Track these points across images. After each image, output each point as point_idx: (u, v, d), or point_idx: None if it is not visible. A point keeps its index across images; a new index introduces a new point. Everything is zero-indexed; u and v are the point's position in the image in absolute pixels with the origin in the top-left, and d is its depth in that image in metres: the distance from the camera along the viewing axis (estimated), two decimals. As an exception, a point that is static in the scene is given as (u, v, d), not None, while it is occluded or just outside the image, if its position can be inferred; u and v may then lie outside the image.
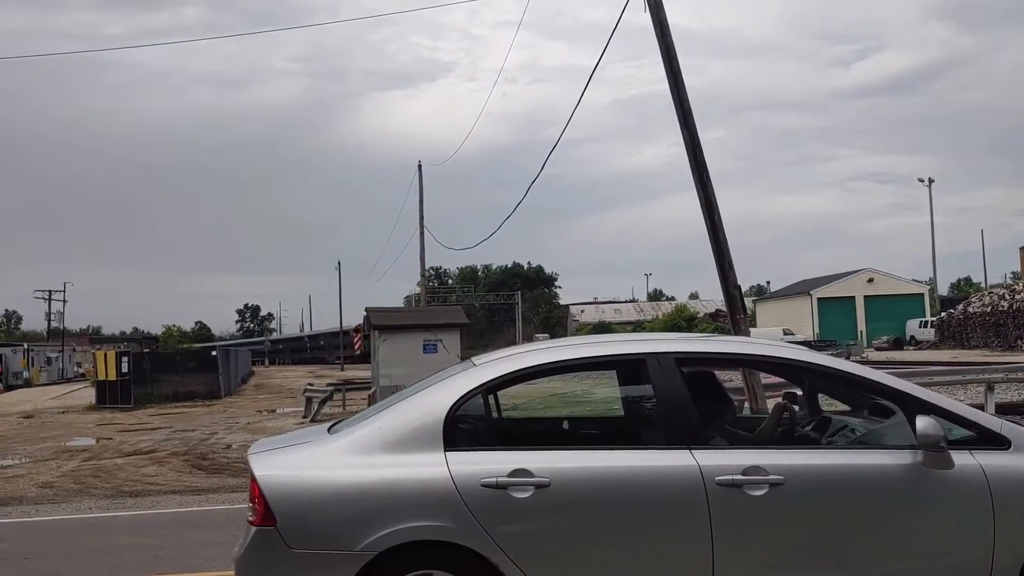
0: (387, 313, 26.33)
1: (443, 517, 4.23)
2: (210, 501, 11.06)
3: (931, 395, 4.68)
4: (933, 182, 69.60)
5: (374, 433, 4.51)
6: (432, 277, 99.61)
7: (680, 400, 4.55)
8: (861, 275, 67.68)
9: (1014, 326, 49.02)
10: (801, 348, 5.23)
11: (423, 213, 47.58)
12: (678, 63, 14.92)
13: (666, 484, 4.32)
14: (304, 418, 23.27)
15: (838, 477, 4.40)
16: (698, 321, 72.06)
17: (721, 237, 14.79)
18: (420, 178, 48.06)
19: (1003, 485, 4.34)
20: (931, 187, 69.25)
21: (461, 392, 4.58)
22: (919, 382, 15.60)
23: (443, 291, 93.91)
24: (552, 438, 5.55)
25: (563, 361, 4.89)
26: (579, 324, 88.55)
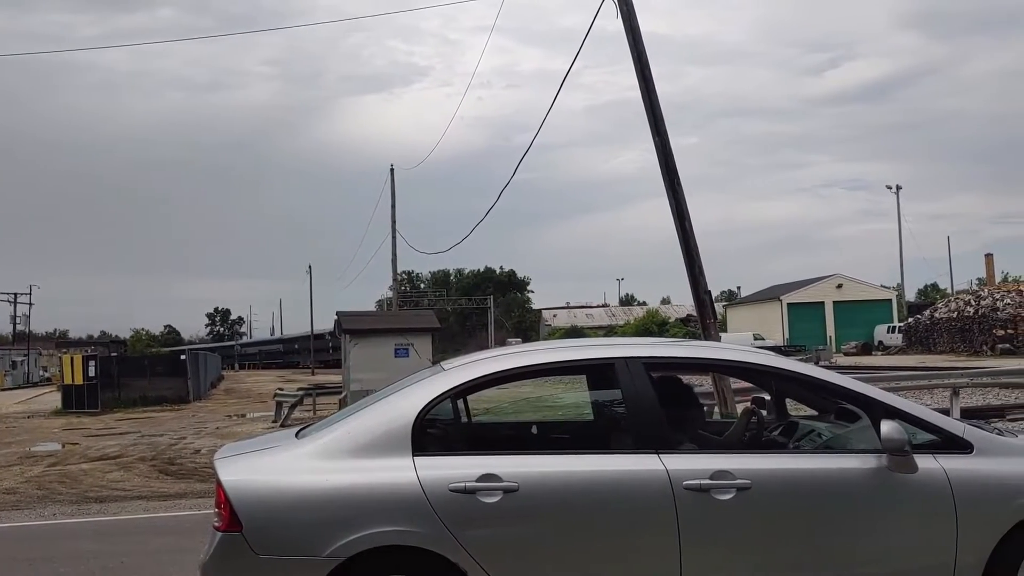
0: (358, 317, 26.19)
1: (411, 522, 4.21)
2: (178, 507, 10.94)
3: (896, 400, 4.74)
4: (901, 189, 70.50)
5: (342, 438, 4.48)
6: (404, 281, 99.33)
7: (648, 404, 4.56)
8: (830, 281, 68.40)
9: (979, 331, 49.74)
10: (769, 353, 5.27)
11: (395, 217, 47.55)
12: (650, 70, 15.00)
13: (634, 488, 4.33)
14: (274, 422, 23.12)
15: (804, 481, 4.43)
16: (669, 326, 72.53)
17: (692, 243, 14.88)
18: (392, 182, 48.02)
19: (965, 488, 4.40)
20: (899, 194, 70.10)
21: (430, 397, 4.57)
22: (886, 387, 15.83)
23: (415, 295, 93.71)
24: (521, 443, 5.55)
25: (532, 365, 4.90)
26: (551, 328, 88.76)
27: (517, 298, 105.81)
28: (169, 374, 37.43)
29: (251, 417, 27.24)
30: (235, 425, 24.29)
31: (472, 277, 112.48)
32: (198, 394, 39.19)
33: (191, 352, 43.91)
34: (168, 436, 21.11)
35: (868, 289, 68.85)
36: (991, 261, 70.26)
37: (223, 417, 27.55)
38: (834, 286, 67.91)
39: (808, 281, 70.04)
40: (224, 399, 39.80)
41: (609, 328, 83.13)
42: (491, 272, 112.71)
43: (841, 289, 67.65)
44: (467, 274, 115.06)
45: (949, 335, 52.30)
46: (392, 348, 23.18)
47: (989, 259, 70.40)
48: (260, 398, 36.68)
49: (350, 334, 23.49)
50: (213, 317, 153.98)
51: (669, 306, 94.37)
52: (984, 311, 50.71)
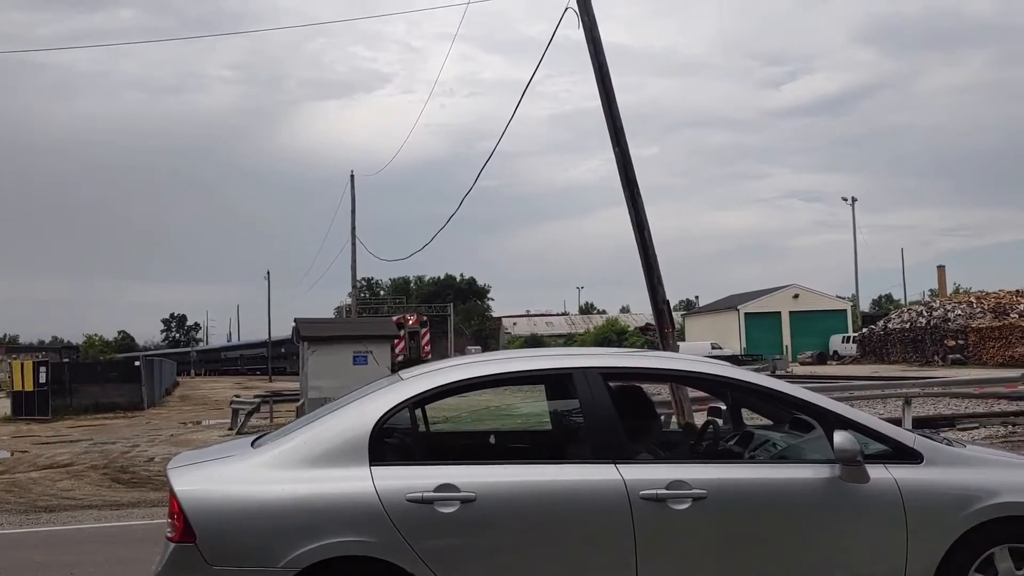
0: (316, 324, 25.98)
1: (368, 532, 4.19)
2: (130, 516, 10.76)
3: (848, 410, 4.81)
4: (856, 201, 71.53)
5: (299, 447, 4.45)
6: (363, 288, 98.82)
7: (606, 415, 4.59)
8: (787, 291, 69.19)
9: (931, 342, 50.61)
10: (724, 364, 5.33)
11: (355, 223, 47.32)
12: (611, 81, 15.12)
13: (591, 498, 4.35)
14: (230, 430, 22.85)
15: (759, 491, 4.49)
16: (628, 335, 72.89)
17: (651, 253, 15.00)
18: (352, 188, 47.81)
19: (915, 498, 4.48)
20: (854, 206, 71.22)
21: (388, 406, 4.55)
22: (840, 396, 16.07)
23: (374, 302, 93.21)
24: (479, 452, 5.55)
25: (490, 375, 4.90)
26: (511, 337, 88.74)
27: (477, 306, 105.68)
28: (123, 380, 36.82)
29: (207, 424, 26.89)
30: (190, 432, 23.96)
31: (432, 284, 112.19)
32: (152, 401, 38.62)
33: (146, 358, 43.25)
34: (121, 444, 20.77)
35: (824, 299, 69.76)
36: (943, 273, 71.68)
37: (178, 424, 27.17)
38: (791, 296, 68.73)
39: (765, 291, 70.80)
40: (179, 406, 39.25)
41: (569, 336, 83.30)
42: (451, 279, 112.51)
43: (797, 299, 68.46)
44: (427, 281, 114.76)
45: (902, 345, 53.13)
46: (351, 356, 23.05)
47: (941, 271, 71.83)
48: (216, 405, 36.21)
49: (308, 341, 23.32)
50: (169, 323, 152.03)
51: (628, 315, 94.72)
52: (936, 322, 51.62)
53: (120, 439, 22.13)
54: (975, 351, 47.09)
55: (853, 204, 71.19)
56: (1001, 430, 16.11)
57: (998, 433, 15.73)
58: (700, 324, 75.11)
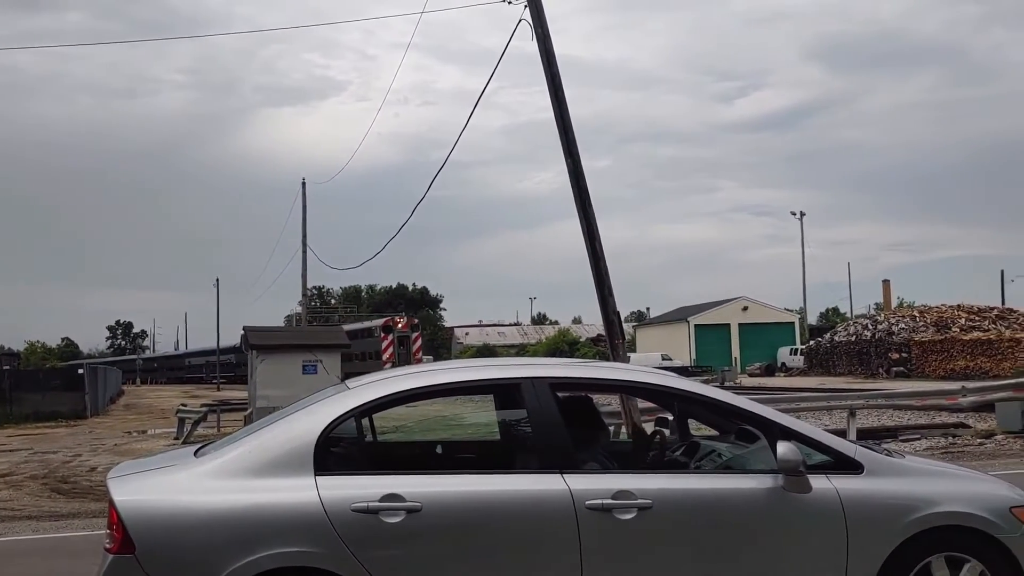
0: (266, 332, 25.69)
1: (311, 542, 4.15)
2: (70, 527, 10.52)
3: (791, 421, 4.88)
4: (804, 215, 72.82)
5: (242, 457, 4.40)
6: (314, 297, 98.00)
7: (553, 425, 4.60)
8: (736, 303, 70.04)
9: (876, 354, 51.55)
10: (671, 375, 5.37)
11: (306, 231, 46.92)
12: (563, 93, 15.23)
13: (537, 508, 4.35)
14: (176, 439, 22.46)
15: (703, 501, 4.53)
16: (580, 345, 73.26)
17: (602, 264, 15.11)
18: (304, 195, 47.41)
19: (856, 508, 4.55)
20: (802, 220, 72.43)
21: (333, 416, 4.51)
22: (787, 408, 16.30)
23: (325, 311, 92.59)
24: (426, 462, 5.53)
25: (438, 385, 4.87)
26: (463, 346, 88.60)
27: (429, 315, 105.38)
28: (66, 388, 36.10)
29: (152, 434, 26.40)
30: (135, 442, 23.53)
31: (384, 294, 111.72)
32: (96, 409, 37.85)
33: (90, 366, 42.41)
34: (62, 453, 20.32)
35: (772, 312, 70.74)
36: (888, 287, 73.06)
37: (122, 434, 26.65)
38: (740, 308, 69.58)
39: (715, 303, 71.59)
40: (124, 415, 38.52)
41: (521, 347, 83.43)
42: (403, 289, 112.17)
43: (747, 311, 69.34)
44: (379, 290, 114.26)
45: (848, 358, 54.03)
46: (300, 364, 22.86)
47: (886, 285, 73.20)
48: (162, 414, 35.58)
49: (257, 349, 23.06)
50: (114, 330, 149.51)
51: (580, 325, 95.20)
52: (880, 335, 52.60)
53: (62, 448, 21.66)
54: (918, 364, 48.05)
55: (801, 219, 72.45)
56: (942, 441, 16.44)
57: (939, 444, 16.06)
58: (651, 335, 75.66)
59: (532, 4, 15.05)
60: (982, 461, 13.37)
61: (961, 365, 44.66)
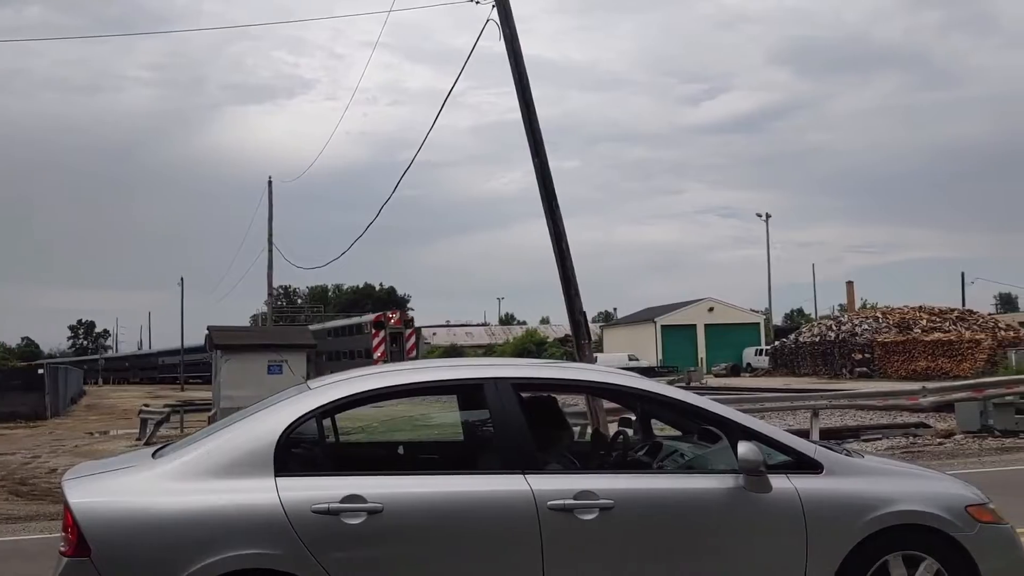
0: (230, 332, 25.47)
1: (271, 544, 4.11)
2: (27, 530, 10.35)
3: (752, 421, 4.91)
4: (770, 217, 73.50)
5: (201, 458, 4.35)
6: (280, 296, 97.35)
7: (516, 425, 4.60)
8: (702, 304, 70.53)
9: (840, 355, 52.13)
10: (635, 375, 5.38)
11: (272, 230, 46.67)
12: (531, 93, 15.24)
13: (499, 509, 4.35)
14: (138, 440, 22.23)
15: (665, 501, 4.54)
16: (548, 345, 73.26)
17: (568, 265, 15.14)
18: (270, 194, 47.17)
19: (815, 507, 4.58)
20: (768, 222, 73.09)
21: (294, 416, 4.47)
22: (752, 408, 16.44)
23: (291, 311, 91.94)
24: (389, 463, 5.50)
25: (400, 386, 4.84)
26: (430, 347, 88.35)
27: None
28: (25, 389, 35.59)
29: (114, 435, 26.11)
30: (96, 443, 23.24)
31: (351, 293, 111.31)
32: (57, 410, 37.38)
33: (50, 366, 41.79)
34: (21, 455, 20.02)
35: (738, 313, 71.33)
36: (852, 288, 73.97)
37: (83, 435, 26.32)
38: (706, 309, 70.08)
39: (681, 304, 72.04)
40: (85, 415, 38.03)
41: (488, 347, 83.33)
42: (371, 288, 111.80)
43: (712, 312, 69.86)
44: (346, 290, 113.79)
45: (812, 358, 54.59)
46: (265, 364, 22.70)
47: (850, 286, 74.11)
48: (124, 415, 35.17)
49: (221, 349, 22.86)
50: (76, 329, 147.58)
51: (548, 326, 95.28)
52: (844, 336, 53.20)
53: (21, 450, 21.33)
54: (880, 364, 48.65)
55: (767, 220, 73.09)
56: (903, 441, 16.66)
57: (900, 444, 16.27)
58: (618, 336, 75.97)
59: (500, 4, 15.05)
60: (941, 460, 13.56)
61: (922, 366, 45.29)
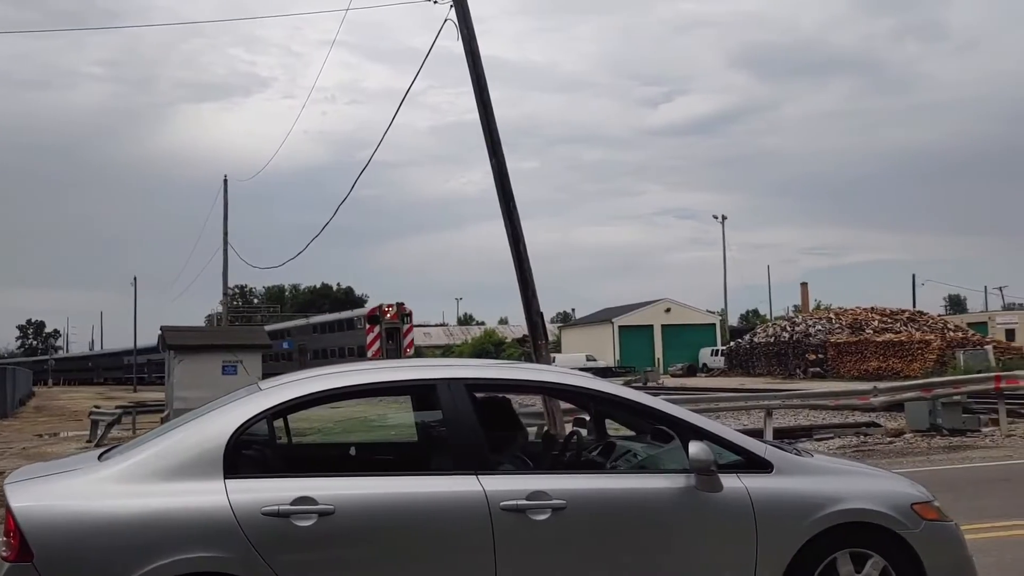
0: (184, 332, 25.13)
1: (220, 547, 4.06)
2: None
3: (704, 421, 4.95)
4: (726, 219, 74.22)
5: (149, 460, 4.28)
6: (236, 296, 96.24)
7: (469, 426, 4.59)
8: (659, 305, 71.00)
9: (794, 355, 52.81)
10: (587, 376, 5.39)
11: (227, 229, 46.08)
12: (488, 94, 15.23)
13: (452, 510, 4.34)
14: (89, 442, 21.83)
15: (617, 500, 4.56)
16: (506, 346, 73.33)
17: (526, 266, 15.15)
18: (225, 193, 46.58)
19: (765, 506, 4.63)
20: (724, 224, 73.82)
21: (244, 417, 4.42)
22: (707, 408, 16.58)
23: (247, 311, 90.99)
24: (341, 464, 5.46)
25: (353, 386, 4.81)
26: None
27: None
28: (-29, 390, 34.76)
29: (64, 436, 25.59)
30: (45, 445, 22.77)
31: (308, 293, 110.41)
32: (5, 412, 36.59)
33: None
34: (-33, 457, 19.56)
35: (694, 313, 71.91)
36: (806, 289, 75.05)
37: (31, 436, 25.77)
38: (663, 310, 70.56)
39: (639, 305, 72.45)
40: (34, 417, 37.26)
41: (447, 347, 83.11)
42: (328, 288, 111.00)
43: (669, 313, 70.35)
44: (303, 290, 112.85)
45: (767, 359, 55.22)
46: (220, 365, 22.46)
47: (804, 287, 75.18)
48: (75, 416, 34.50)
49: (175, 350, 22.56)
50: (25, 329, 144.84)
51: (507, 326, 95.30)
52: (798, 336, 53.89)
53: (-34, 452, 20.84)
54: (833, 365, 49.35)
55: (723, 222, 73.82)
56: (854, 440, 16.90)
57: (851, 443, 16.50)
58: (576, 336, 76.21)
59: (457, 4, 15.03)
60: (891, 459, 13.79)
61: (874, 366, 46.02)
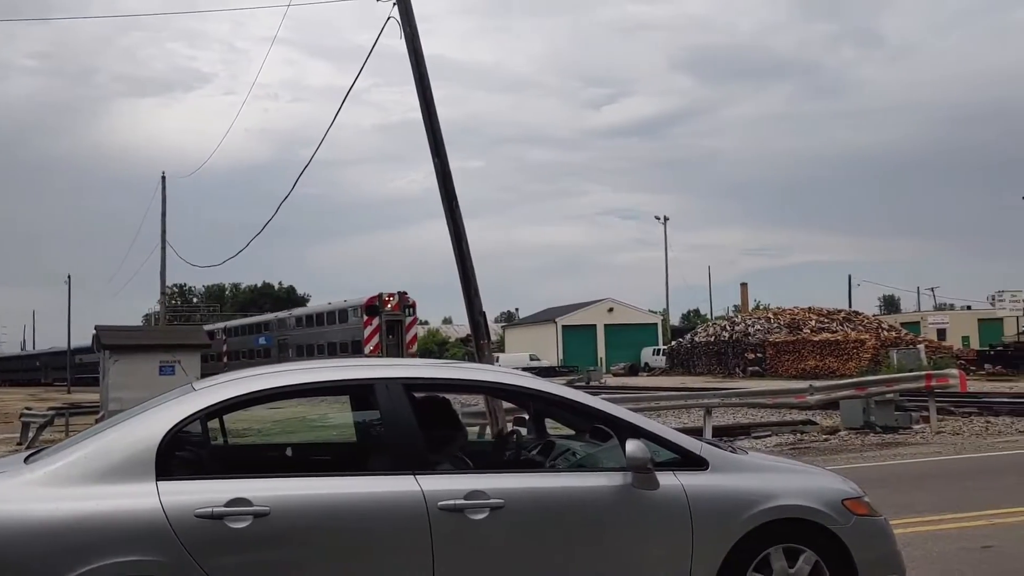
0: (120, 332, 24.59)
1: (152, 551, 3.99)
2: None
3: (641, 420, 5.00)
4: (668, 220, 74.97)
5: (78, 462, 4.19)
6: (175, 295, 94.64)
7: (407, 426, 4.57)
8: (602, 304, 71.58)
9: (733, 355, 53.64)
10: (527, 375, 5.41)
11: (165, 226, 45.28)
12: (431, 93, 15.19)
13: (389, 510, 4.32)
14: (19, 444, 21.26)
15: (555, 499, 4.58)
16: (449, 345, 73.31)
17: (469, 265, 15.14)
18: (164, 190, 45.75)
19: (700, 503, 4.69)
20: (666, 225, 74.58)
21: (177, 418, 4.35)
22: (648, 407, 16.72)
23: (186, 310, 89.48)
24: (278, 465, 5.40)
25: (289, 386, 4.76)
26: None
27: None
28: None
29: (-8, 439, 24.89)
30: (-28, 448, 22.12)
31: (249, 292, 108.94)
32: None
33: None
34: None
35: (637, 313, 72.63)
36: (745, 290, 76.18)
37: (-41, 439, 25.01)
38: (606, 310, 71.15)
39: (582, 304, 72.95)
40: (-38, 420, 36.13)
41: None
42: (269, 287, 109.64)
43: (612, 313, 70.96)
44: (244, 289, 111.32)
45: (707, 358, 56.00)
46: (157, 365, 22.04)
47: (744, 288, 76.31)
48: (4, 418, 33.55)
49: (110, 350, 22.07)
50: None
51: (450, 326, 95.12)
52: (738, 336, 54.76)
53: None
54: (772, 364, 50.24)
55: (665, 223, 74.57)
56: (790, 437, 17.21)
57: (787, 441, 16.80)
58: (520, 336, 76.41)
59: (400, 2, 14.95)
60: (826, 456, 14.07)
61: (811, 365, 46.93)
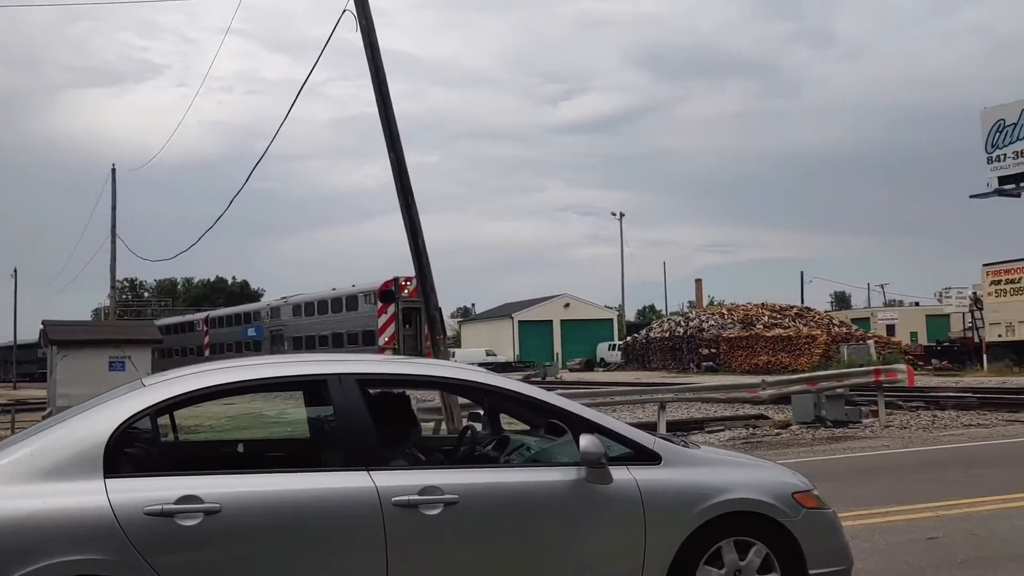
0: (68, 327, 24.18)
1: (100, 549, 3.93)
2: None
3: (594, 415, 5.03)
4: (624, 216, 75.53)
5: (23, 460, 4.10)
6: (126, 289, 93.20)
7: (360, 421, 4.55)
8: (559, 300, 71.84)
9: (688, 350, 54.13)
10: (481, 370, 5.41)
11: (115, 220, 44.60)
12: (387, 87, 15.12)
13: (342, 506, 4.30)
14: (-37, 443, 20.82)
15: (509, 494, 4.59)
16: (407, 341, 72.90)
17: (424, 260, 15.11)
18: (113, 182, 45.11)
19: (653, 498, 4.73)
20: (622, 221, 75.11)
21: (126, 415, 4.28)
22: (603, 402, 16.83)
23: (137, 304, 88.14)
24: (230, 462, 5.34)
25: (241, 382, 4.72)
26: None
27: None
28: None
29: (-65, 437, 24.33)
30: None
31: (201, 287, 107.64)
32: None
33: None
34: None
35: (593, 309, 73.00)
36: (700, 286, 76.98)
37: (-100, 437, 24.39)
38: (562, 305, 71.41)
39: (538, 300, 73.16)
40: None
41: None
42: (223, 282, 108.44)
43: (568, 308, 71.26)
44: (196, 284, 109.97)
45: (662, 353, 56.47)
46: (106, 361, 21.70)
47: (698, 284, 77.13)
48: (-51, 416, 32.82)
49: (57, 345, 21.68)
50: None
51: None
52: (692, 332, 55.28)
53: None
54: (726, 359, 50.78)
55: (621, 219, 75.13)
56: (743, 432, 17.42)
57: (740, 435, 17.00)
58: (476, 331, 76.41)
59: (356, -5, 14.84)
60: (778, 450, 14.25)
61: (764, 360, 47.53)
